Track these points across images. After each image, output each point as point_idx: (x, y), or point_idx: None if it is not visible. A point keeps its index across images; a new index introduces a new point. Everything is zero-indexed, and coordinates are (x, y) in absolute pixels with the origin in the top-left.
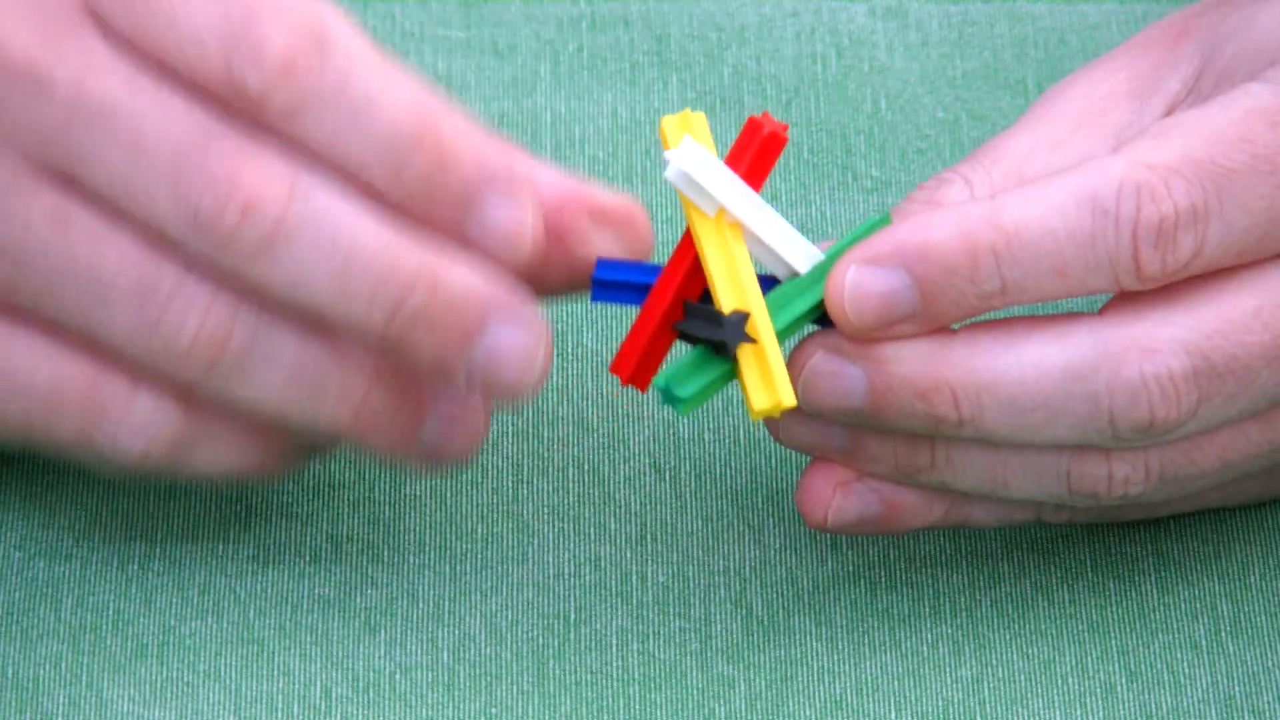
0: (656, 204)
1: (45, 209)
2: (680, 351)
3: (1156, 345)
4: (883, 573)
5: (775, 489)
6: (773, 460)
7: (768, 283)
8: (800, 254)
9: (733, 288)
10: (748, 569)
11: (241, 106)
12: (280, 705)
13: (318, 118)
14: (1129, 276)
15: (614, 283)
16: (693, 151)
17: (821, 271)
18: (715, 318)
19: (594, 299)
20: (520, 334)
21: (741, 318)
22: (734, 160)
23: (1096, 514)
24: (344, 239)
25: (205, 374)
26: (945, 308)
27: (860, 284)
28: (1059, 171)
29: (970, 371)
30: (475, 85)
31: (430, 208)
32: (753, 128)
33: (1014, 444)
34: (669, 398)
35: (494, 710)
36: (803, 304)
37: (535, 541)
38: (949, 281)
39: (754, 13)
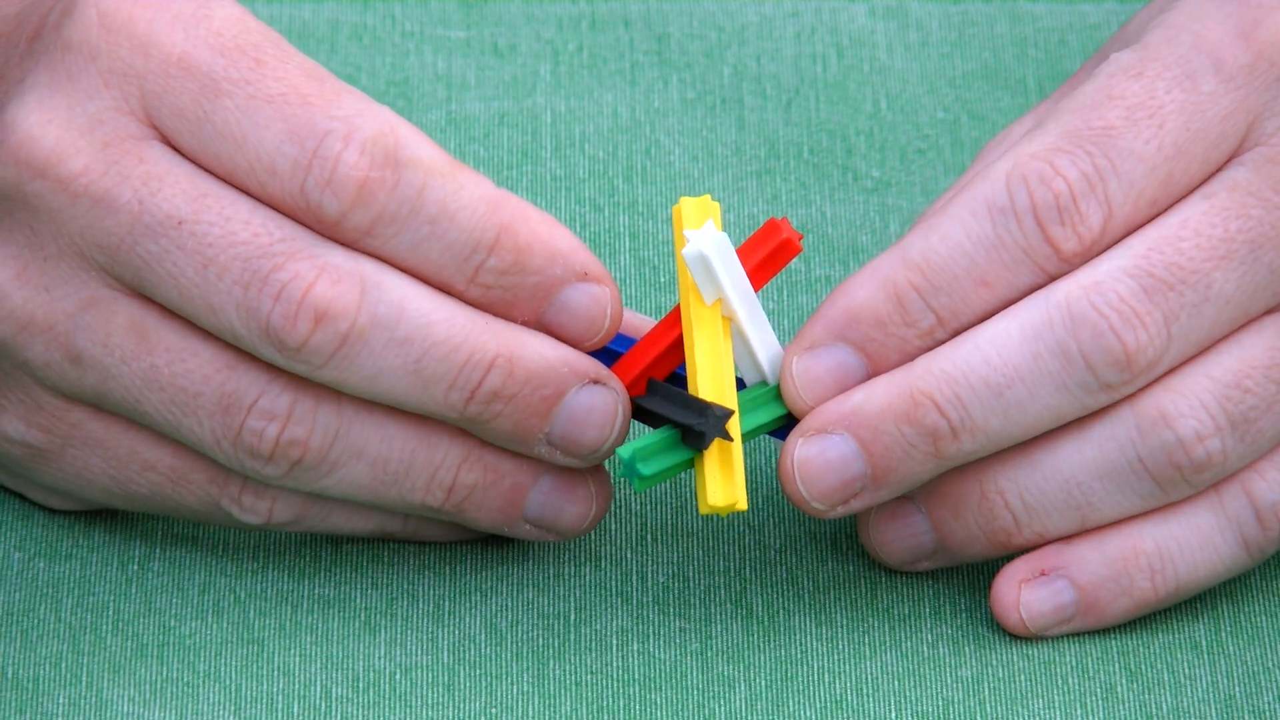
0: (656, 203)
1: (125, 322)
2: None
3: (1098, 279)
4: (883, 573)
5: (775, 489)
6: (773, 461)
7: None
8: (776, 363)
9: (715, 380)
10: (748, 569)
11: (316, 226)
12: (280, 705)
13: (395, 231)
14: (1051, 261)
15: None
16: (715, 238)
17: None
18: (698, 406)
19: None
20: (597, 397)
21: (726, 414)
22: (744, 255)
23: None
24: (417, 332)
25: (288, 475)
26: (893, 359)
27: (807, 370)
28: (952, 195)
29: (938, 373)
30: (475, 85)
31: (510, 303)
32: (771, 230)
33: (1022, 439)
34: (629, 470)
35: (494, 710)
36: (768, 414)
37: (535, 541)
38: (886, 333)
39: (754, 13)
